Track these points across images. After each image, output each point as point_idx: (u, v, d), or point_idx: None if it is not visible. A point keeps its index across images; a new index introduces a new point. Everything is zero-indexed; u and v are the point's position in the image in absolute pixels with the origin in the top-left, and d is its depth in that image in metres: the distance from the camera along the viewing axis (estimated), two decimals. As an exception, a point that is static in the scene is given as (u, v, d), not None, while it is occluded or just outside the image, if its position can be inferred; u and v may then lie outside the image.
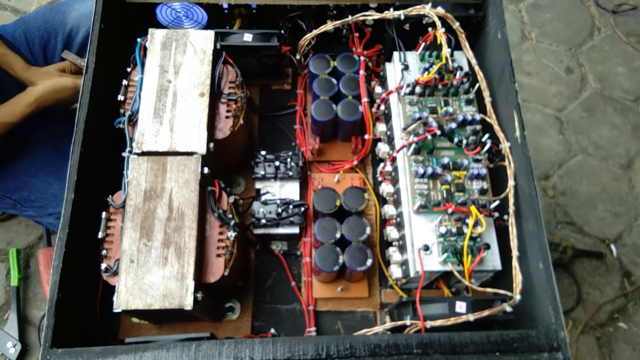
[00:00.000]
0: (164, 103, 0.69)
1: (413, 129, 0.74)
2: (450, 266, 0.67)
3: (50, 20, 1.14)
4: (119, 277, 0.61)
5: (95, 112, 0.70)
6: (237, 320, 0.76)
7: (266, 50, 0.82)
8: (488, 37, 0.80)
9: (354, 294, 0.77)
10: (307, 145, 0.86)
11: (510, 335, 0.57)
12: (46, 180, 1.08)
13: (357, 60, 0.82)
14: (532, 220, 0.64)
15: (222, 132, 0.72)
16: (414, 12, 0.78)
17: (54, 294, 0.60)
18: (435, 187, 0.72)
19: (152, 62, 0.72)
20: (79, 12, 1.15)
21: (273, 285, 0.80)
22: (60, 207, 0.63)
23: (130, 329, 0.75)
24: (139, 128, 0.67)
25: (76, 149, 0.67)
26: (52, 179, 1.08)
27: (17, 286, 1.32)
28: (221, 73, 0.74)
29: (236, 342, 0.57)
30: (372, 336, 0.58)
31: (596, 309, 1.39)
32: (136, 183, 0.65)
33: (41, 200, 1.09)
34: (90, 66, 0.71)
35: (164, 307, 0.60)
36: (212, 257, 0.65)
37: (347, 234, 0.71)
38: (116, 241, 0.65)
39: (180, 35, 0.74)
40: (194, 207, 0.64)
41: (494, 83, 0.77)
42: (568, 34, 1.79)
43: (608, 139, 1.62)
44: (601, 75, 1.72)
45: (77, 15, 1.14)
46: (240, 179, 0.84)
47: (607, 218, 1.50)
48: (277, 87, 0.92)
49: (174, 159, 0.66)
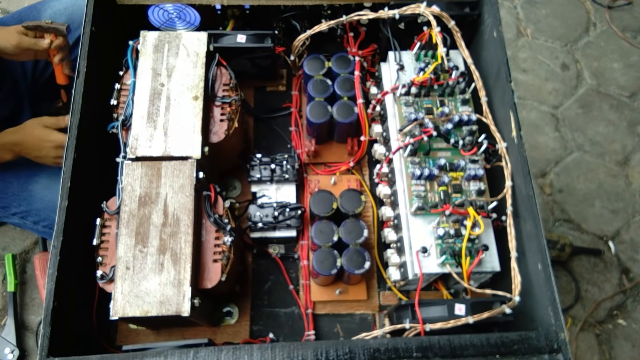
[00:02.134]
0: (158, 107, 0.68)
1: (409, 130, 0.73)
2: (449, 268, 0.67)
3: (26, 18, 1.12)
4: (115, 284, 0.60)
5: (87, 117, 0.69)
6: (235, 324, 0.76)
7: (260, 51, 0.81)
8: (483, 36, 0.80)
9: (353, 296, 0.77)
10: (302, 147, 0.85)
11: (510, 337, 0.57)
12: (5, 180, 1.07)
13: (352, 61, 0.82)
14: (530, 220, 0.64)
15: (217, 135, 0.71)
16: (408, 11, 0.78)
17: (49, 303, 0.59)
18: (432, 188, 0.71)
19: (145, 65, 0.71)
20: (54, 9, 1.14)
21: (271, 288, 0.79)
22: (23, 206, 0.63)
23: (127, 335, 0.74)
24: (133, 133, 0.67)
25: (69, 155, 0.66)
26: (12, 178, 1.07)
27: (13, 292, 1.31)
28: (215, 75, 0.73)
29: (234, 348, 0.56)
30: (372, 340, 0.57)
31: (595, 306, 1.39)
32: (130, 189, 0.64)
33: (3, 200, 1.08)
34: (82, 70, 0.71)
35: (161, 314, 0.59)
36: (208, 262, 0.64)
37: (344, 236, 0.71)
38: (111, 248, 0.64)
39: (172, 37, 0.73)
40: (189, 212, 0.63)
41: (490, 82, 0.76)
42: (563, 30, 1.79)
43: (604, 135, 1.62)
44: (597, 72, 1.72)
45: (52, 12, 1.13)
46: (236, 182, 0.83)
47: (604, 215, 1.50)
48: (271, 89, 0.92)
49: (168, 163, 0.66)
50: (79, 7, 1.14)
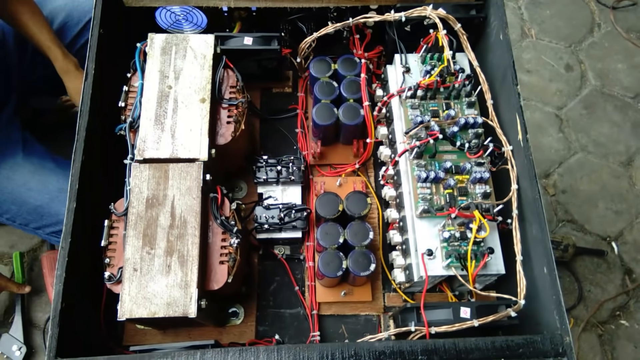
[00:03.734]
0: (165, 109, 0.69)
1: (415, 132, 0.73)
2: (454, 271, 0.67)
3: None
4: (123, 286, 0.60)
5: (95, 119, 0.70)
6: (241, 325, 0.76)
7: (267, 53, 0.81)
8: (490, 39, 0.80)
9: (358, 297, 0.77)
10: (308, 149, 0.85)
11: (515, 341, 0.57)
12: None
13: (358, 63, 0.82)
14: (536, 224, 0.64)
15: (224, 137, 0.71)
16: (415, 13, 0.78)
17: (57, 304, 0.60)
18: (438, 191, 0.72)
19: (152, 67, 0.71)
20: (53, 4, 1.14)
21: (276, 289, 0.79)
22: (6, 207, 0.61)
23: (134, 335, 0.75)
24: (140, 135, 0.67)
25: (77, 157, 0.66)
26: None
27: None
28: (222, 78, 0.74)
29: (241, 350, 0.57)
30: (377, 343, 0.58)
31: (598, 307, 1.39)
32: (138, 190, 0.65)
33: None
34: (90, 72, 0.71)
35: (168, 315, 0.59)
36: (215, 264, 0.65)
37: (350, 238, 0.71)
38: (119, 249, 0.65)
39: (180, 39, 0.73)
40: (196, 214, 0.64)
41: (496, 85, 0.76)
42: (568, 30, 1.79)
43: (608, 136, 1.62)
44: (601, 72, 1.72)
45: (52, 7, 1.13)
46: (242, 183, 0.84)
47: (608, 216, 1.50)
48: (277, 90, 0.92)
49: (175, 166, 0.66)
50: (79, 4, 1.14)
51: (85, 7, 1.14)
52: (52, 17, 1.13)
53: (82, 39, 1.14)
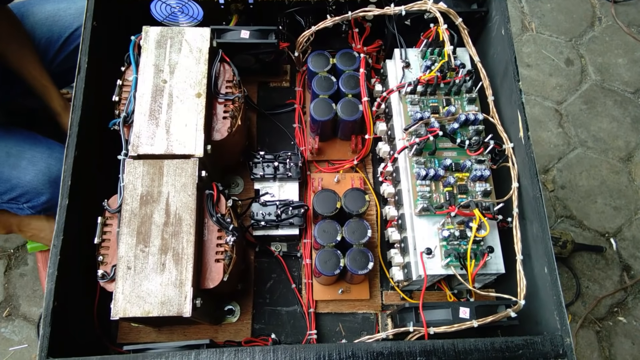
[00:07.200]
0: (160, 104, 0.67)
1: (414, 129, 0.72)
2: (454, 270, 0.66)
3: None
4: (116, 284, 0.59)
5: (89, 113, 0.68)
6: (237, 322, 0.75)
7: (264, 47, 0.80)
8: (491, 34, 0.79)
9: (355, 295, 0.76)
10: (306, 145, 0.84)
11: (515, 341, 0.57)
12: None
13: (357, 58, 0.81)
14: (537, 223, 0.63)
15: (220, 133, 0.70)
16: (415, 7, 0.77)
17: (49, 303, 0.59)
18: (437, 189, 0.70)
19: (147, 61, 0.70)
20: (35, 17, 1.09)
21: (273, 287, 0.78)
22: None
23: (129, 332, 0.74)
24: (135, 130, 0.66)
25: (70, 152, 0.65)
26: None
27: None
28: (218, 72, 0.72)
29: (236, 350, 0.56)
30: (375, 343, 0.57)
31: (596, 303, 1.38)
32: (132, 187, 0.63)
33: None
34: (82, 66, 0.69)
35: (162, 314, 0.58)
36: (210, 262, 0.64)
37: (348, 236, 0.70)
38: (112, 247, 0.64)
39: (175, 32, 0.72)
40: (191, 211, 0.63)
41: (497, 81, 0.75)
42: (568, 24, 1.77)
43: (607, 131, 1.61)
44: (601, 67, 1.70)
45: (34, 20, 1.09)
46: (239, 179, 0.82)
47: (606, 212, 1.50)
48: (275, 85, 0.91)
49: (170, 162, 0.65)
50: (59, 18, 1.10)
51: (65, 22, 1.09)
52: (33, 31, 1.08)
53: (63, 54, 1.10)
